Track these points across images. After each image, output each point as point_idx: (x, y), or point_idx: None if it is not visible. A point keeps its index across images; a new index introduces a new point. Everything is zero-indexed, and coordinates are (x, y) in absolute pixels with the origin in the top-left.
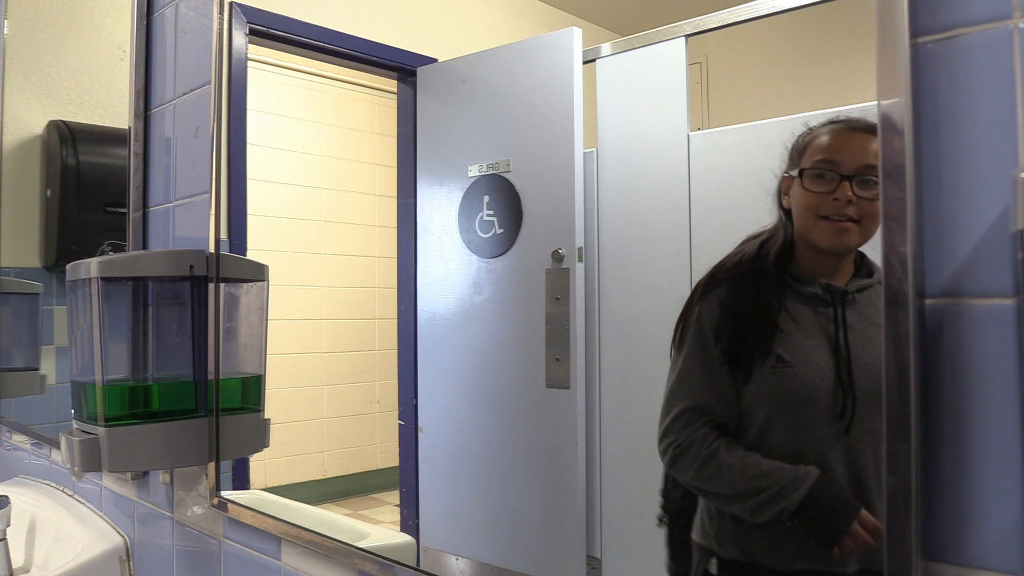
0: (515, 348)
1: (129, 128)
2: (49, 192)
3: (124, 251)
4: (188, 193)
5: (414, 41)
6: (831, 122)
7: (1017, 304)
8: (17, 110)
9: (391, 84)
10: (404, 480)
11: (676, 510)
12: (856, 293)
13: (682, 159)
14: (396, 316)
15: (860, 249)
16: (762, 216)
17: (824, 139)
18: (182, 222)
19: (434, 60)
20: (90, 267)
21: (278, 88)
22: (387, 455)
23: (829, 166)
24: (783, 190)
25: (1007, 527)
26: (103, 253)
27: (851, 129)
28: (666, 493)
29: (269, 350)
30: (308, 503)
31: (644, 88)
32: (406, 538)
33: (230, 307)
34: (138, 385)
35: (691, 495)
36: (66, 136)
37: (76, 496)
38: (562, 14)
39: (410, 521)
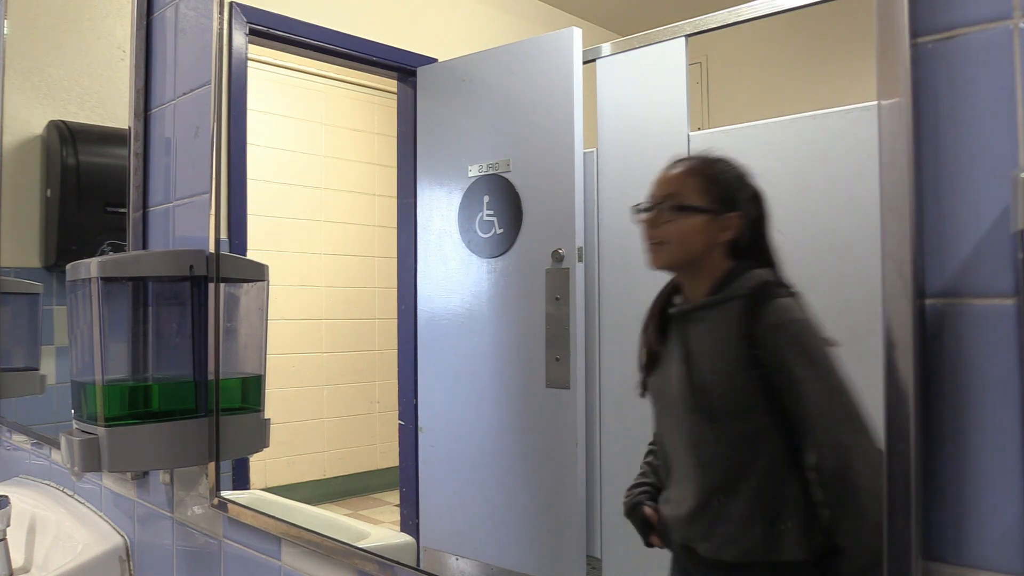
0: (515, 348)
1: (129, 128)
2: (49, 192)
3: (124, 251)
4: (188, 193)
5: (414, 41)
6: None
7: (1017, 304)
8: (17, 110)
9: (391, 84)
10: (404, 480)
11: None
12: (699, 311)
13: None
14: (396, 316)
15: (732, 265)
16: None
17: None
18: (182, 222)
19: (434, 60)
20: (90, 267)
21: (278, 88)
22: (387, 455)
23: (647, 200)
24: None
25: (1007, 527)
26: (103, 253)
27: (669, 165)
28: None
29: (269, 350)
30: (308, 503)
31: (644, 88)
32: (406, 538)
33: (230, 307)
34: (138, 385)
35: None
36: (66, 136)
37: (76, 496)
38: (562, 14)
39: (410, 521)
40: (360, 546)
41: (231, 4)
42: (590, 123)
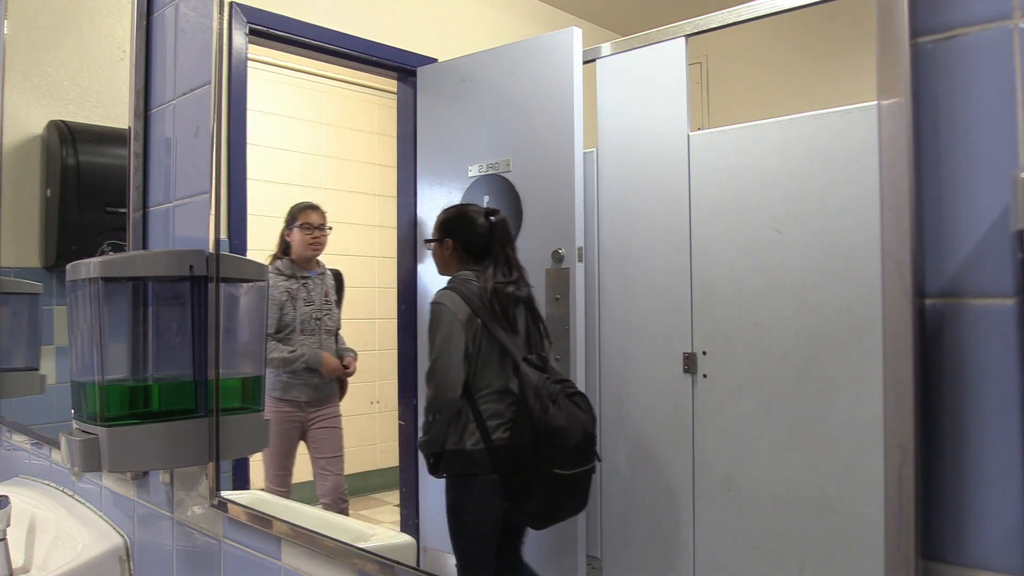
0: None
1: (129, 128)
2: (49, 192)
3: (124, 251)
4: (188, 193)
5: (414, 41)
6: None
7: (1017, 304)
8: (17, 110)
9: (391, 84)
10: (404, 480)
11: None
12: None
13: (682, 159)
14: (396, 316)
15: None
16: (761, 215)
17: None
18: (182, 222)
19: (434, 60)
20: (90, 267)
21: (278, 88)
22: (387, 455)
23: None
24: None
25: (1007, 527)
26: (103, 253)
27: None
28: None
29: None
30: (308, 503)
31: (644, 88)
32: (406, 538)
33: (230, 307)
34: (138, 385)
35: None
36: (66, 136)
37: (76, 496)
38: (562, 14)
39: (410, 521)
40: (360, 546)
41: (231, 4)
42: (590, 123)
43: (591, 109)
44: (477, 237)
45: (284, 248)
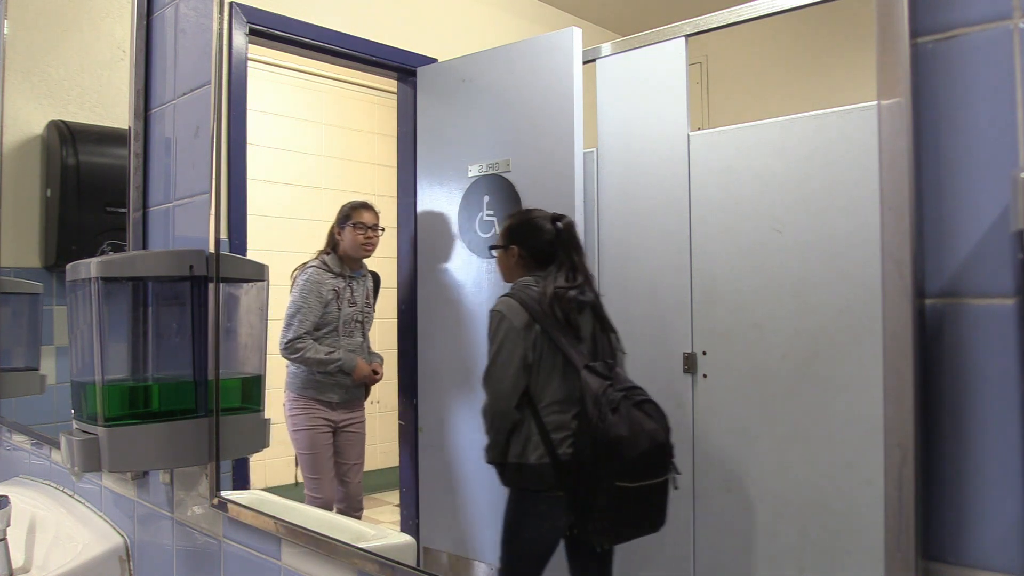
0: None
1: (129, 128)
2: (49, 192)
3: (124, 251)
4: (188, 193)
5: (414, 41)
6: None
7: (1017, 304)
8: (17, 110)
9: (391, 84)
10: (404, 480)
11: None
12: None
13: (682, 159)
14: (396, 316)
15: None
16: (761, 215)
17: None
18: (182, 222)
19: (434, 60)
20: (90, 267)
21: (278, 88)
22: (387, 455)
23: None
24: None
25: (1007, 527)
26: (103, 253)
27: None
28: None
29: (269, 350)
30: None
31: (644, 88)
32: (406, 538)
33: (230, 307)
34: (138, 385)
35: None
36: (66, 136)
37: (76, 496)
38: (562, 14)
39: (410, 521)
40: (360, 546)
41: (231, 4)
42: (590, 123)
43: (591, 109)
44: (543, 244)
45: (333, 245)
